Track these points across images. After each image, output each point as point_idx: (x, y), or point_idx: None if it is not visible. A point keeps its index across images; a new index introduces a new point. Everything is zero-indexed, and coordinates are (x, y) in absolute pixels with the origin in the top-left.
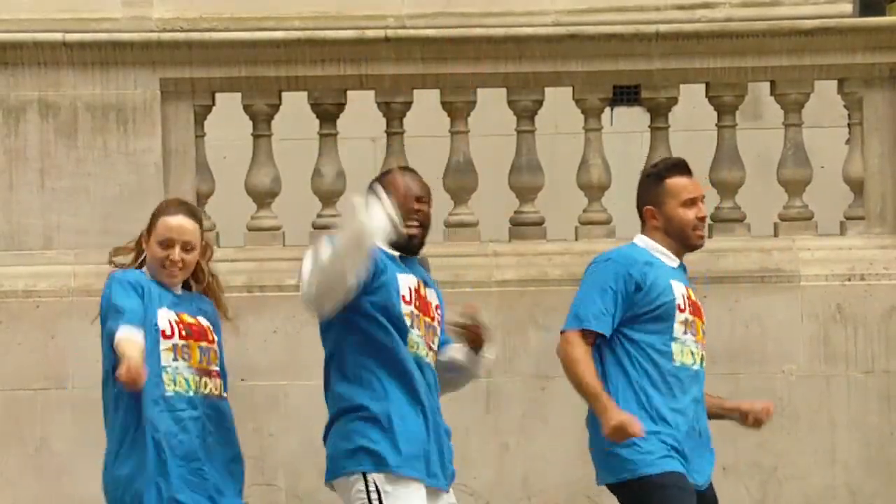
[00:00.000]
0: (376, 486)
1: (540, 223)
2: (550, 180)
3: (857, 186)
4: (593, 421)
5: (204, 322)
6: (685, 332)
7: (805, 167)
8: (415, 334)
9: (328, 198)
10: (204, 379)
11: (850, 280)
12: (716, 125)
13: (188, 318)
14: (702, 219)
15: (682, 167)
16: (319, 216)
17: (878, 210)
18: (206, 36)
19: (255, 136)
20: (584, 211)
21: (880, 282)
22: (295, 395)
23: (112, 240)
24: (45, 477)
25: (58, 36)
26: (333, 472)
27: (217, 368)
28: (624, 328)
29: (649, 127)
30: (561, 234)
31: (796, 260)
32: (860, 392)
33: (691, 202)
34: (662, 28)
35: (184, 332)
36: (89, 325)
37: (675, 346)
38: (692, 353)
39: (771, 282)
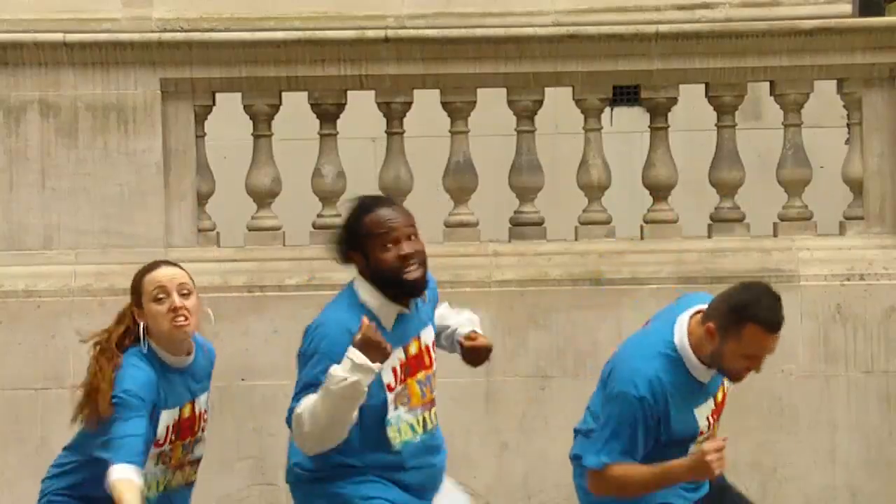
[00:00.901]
0: None
1: (540, 223)
2: (550, 180)
3: (857, 186)
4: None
5: (198, 407)
6: (703, 443)
7: (805, 167)
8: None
9: (328, 198)
10: (177, 472)
11: (849, 280)
12: (715, 125)
13: (186, 412)
14: (753, 369)
15: (772, 324)
16: (319, 216)
17: (877, 210)
18: (207, 36)
19: (256, 136)
20: (584, 211)
21: (880, 282)
22: None
23: (112, 239)
24: None
25: (58, 36)
26: None
27: (193, 456)
28: None
29: (649, 127)
30: (561, 234)
31: (796, 260)
32: (860, 392)
33: (754, 357)
34: (662, 28)
35: (173, 437)
36: (89, 325)
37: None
38: (707, 439)
39: (770, 282)
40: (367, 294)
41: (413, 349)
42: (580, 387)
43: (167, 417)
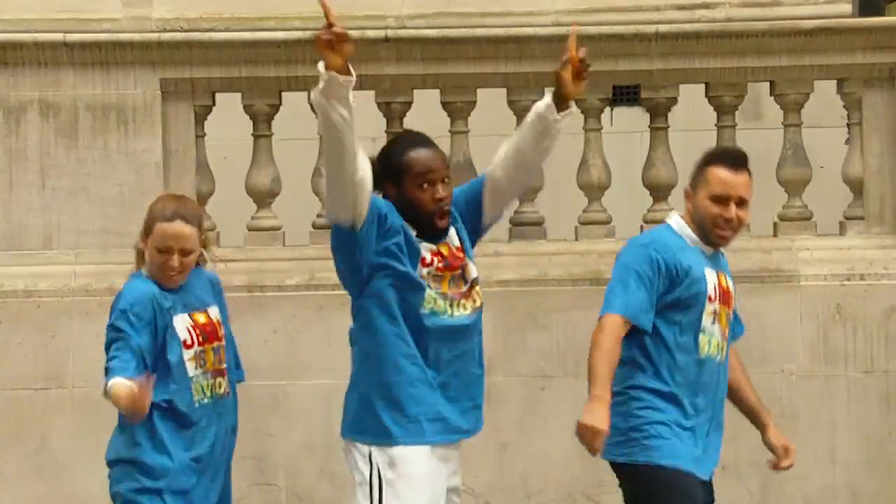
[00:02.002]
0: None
1: (540, 223)
2: (550, 180)
3: (857, 186)
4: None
5: (213, 315)
6: (713, 323)
7: (805, 167)
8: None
9: None
10: (218, 379)
11: (849, 280)
12: (715, 125)
13: (200, 318)
14: (727, 219)
15: (730, 159)
16: (319, 216)
17: (877, 210)
18: (207, 36)
19: (256, 136)
20: (584, 211)
21: (880, 282)
22: (295, 396)
23: (112, 239)
24: (45, 477)
25: (58, 36)
26: None
27: (226, 365)
28: (654, 318)
29: (649, 127)
30: (561, 234)
31: (796, 260)
32: (860, 392)
33: (721, 199)
34: (662, 28)
35: (200, 338)
36: (89, 325)
37: (702, 338)
38: (717, 346)
39: (770, 282)
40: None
41: (444, 248)
42: (580, 387)
43: (181, 321)
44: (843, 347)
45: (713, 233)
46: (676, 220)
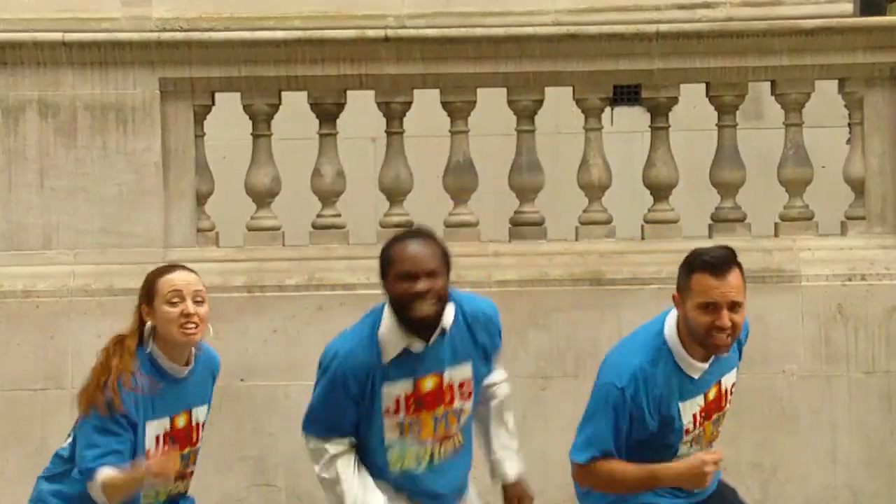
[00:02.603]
0: None
1: (540, 223)
2: (551, 180)
3: (858, 186)
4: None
5: (196, 417)
6: (690, 447)
7: (806, 167)
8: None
9: (328, 198)
10: (176, 483)
11: (850, 280)
12: (716, 125)
13: (179, 422)
14: (721, 328)
15: (714, 265)
16: (319, 216)
17: (878, 210)
18: (206, 35)
19: (255, 136)
20: (585, 211)
21: (881, 282)
22: (295, 395)
23: (111, 239)
24: None
25: (57, 35)
26: None
27: (192, 469)
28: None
29: (650, 127)
30: (561, 234)
31: (797, 260)
32: (861, 392)
33: (710, 307)
34: (663, 27)
35: (165, 448)
36: (88, 325)
37: (675, 458)
38: (700, 448)
39: (772, 282)
40: (386, 322)
41: (429, 384)
42: (580, 387)
43: (155, 428)
44: (845, 348)
45: (709, 343)
46: (671, 330)
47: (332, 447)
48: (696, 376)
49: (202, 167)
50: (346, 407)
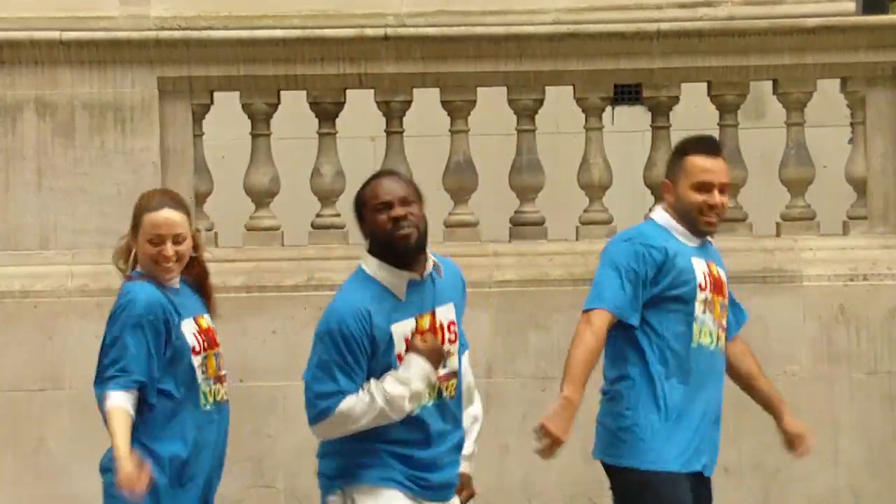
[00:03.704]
0: None
1: (540, 223)
2: (551, 180)
3: (860, 186)
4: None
5: (212, 322)
6: (704, 312)
7: (807, 167)
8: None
9: (327, 197)
10: (217, 386)
11: (852, 280)
12: (718, 124)
13: (203, 323)
14: (712, 206)
15: (707, 146)
16: (318, 216)
17: (880, 210)
18: (205, 34)
19: (254, 136)
20: (585, 211)
21: (883, 282)
22: (294, 397)
23: (110, 239)
24: (43, 477)
25: (55, 34)
26: None
27: (225, 372)
28: (644, 311)
29: (650, 126)
30: (562, 234)
31: (799, 260)
32: (863, 393)
33: (704, 186)
34: (664, 26)
35: (205, 344)
36: (87, 326)
37: (694, 327)
38: (710, 333)
39: (773, 282)
40: (375, 266)
41: (425, 322)
42: None
43: (188, 327)
44: (847, 348)
45: (700, 221)
46: (660, 214)
47: (343, 384)
48: (693, 245)
49: (201, 167)
50: (355, 363)
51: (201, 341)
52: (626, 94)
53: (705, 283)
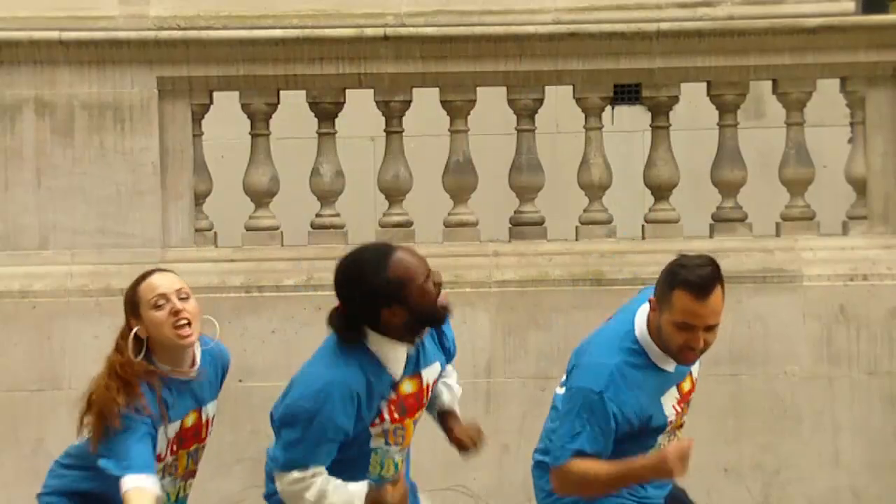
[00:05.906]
0: None
1: (540, 223)
2: (551, 180)
3: (860, 186)
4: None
5: (206, 414)
6: (668, 440)
7: (807, 166)
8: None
9: (327, 197)
10: (183, 483)
11: (852, 280)
12: (717, 124)
13: (189, 421)
14: (693, 348)
15: (699, 286)
16: (318, 216)
17: (881, 209)
18: (204, 34)
19: (253, 135)
20: (585, 210)
21: (883, 282)
22: None
23: (108, 239)
24: (41, 479)
25: (54, 34)
26: None
27: (197, 466)
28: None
29: (650, 126)
30: (562, 233)
31: (799, 260)
32: (863, 393)
33: (688, 327)
34: (664, 26)
35: (175, 447)
36: (86, 326)
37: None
38: (674, 438)
39: (773, 282)
40: (376, 341)
41: (408, 387)
42: None
43: (171, 430)
44: (847, 348)
45: (678, 357)
46: (642, 329)
47: (313, 470)
48: (670, 370)
49: (200, 167)
50: (334, 442)
51: (175, 446)
52: (626, 93)
53: (674, 417)
